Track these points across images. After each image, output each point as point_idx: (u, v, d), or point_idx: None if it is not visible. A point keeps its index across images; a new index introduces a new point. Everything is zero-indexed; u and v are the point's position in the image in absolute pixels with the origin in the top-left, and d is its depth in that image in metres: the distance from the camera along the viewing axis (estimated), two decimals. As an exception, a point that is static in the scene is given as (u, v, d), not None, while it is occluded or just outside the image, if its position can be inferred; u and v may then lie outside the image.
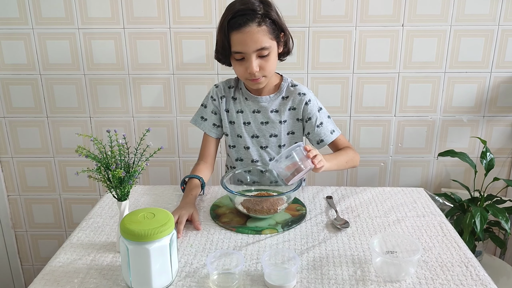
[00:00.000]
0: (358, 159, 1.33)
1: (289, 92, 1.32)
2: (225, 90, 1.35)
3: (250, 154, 1.35)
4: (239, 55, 1.17)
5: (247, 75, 1.20)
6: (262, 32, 1.14)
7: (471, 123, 1.86)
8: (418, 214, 1.16)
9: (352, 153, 1.31)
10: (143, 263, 0.83)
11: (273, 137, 1.33)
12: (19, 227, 2.08)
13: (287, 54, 1.27)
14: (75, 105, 1.87)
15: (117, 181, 0.91)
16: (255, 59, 1.17)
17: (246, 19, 1.12)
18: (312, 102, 1.31)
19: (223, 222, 1.11)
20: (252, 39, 1.13)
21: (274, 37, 1.18)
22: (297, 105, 1.31)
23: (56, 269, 0.93)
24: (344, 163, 1.26)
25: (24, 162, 1.96)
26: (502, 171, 1.92)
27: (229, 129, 1.35)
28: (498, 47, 1.75)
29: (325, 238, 1.04)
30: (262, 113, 1.32)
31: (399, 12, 1.71)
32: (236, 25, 1.13)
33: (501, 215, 1.57)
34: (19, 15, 1.75)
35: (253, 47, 1.14)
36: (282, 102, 1.32)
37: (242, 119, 1.34)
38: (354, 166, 1.32)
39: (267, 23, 1.15)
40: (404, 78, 1.80)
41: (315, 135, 1.32)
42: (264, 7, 1.15)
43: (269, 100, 1.31)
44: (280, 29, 1.19)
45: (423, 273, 0.90)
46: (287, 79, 1.33)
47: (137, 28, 1.76)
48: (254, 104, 1.32)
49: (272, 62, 1.20)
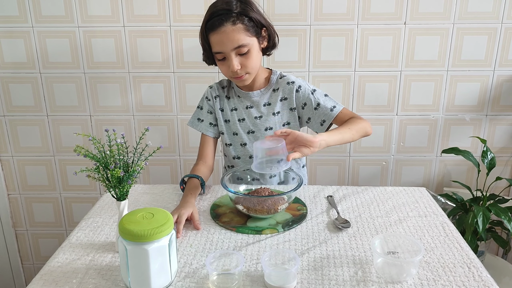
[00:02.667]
0: (368, 126, 1.24)
1: (279, 83, 1.33)
2: (218, 90, 1.38)
3: (247, 150, 1.36)
4: (220, 55, 1.20)
5: (231, 74, 1.23)
6: (237, 30, 1.16)
7: (474, 122, 1.85)
8: (420, 214, 1.15)
9: (358, 121, 1.22)
10: (142, 264, 0.82)
11: (269, 130, 1.34)
12: (20, 226, 2.08)
13: (272, 48, 1.28)
14: (75, 104, 1.87)
15: (116, 181, 0.91)
16: (235, 57, 1.19)
17: (221, 19, 1.15)
18: (302, 87, 1.31)
19: (223, 221, 1.11)
20: (228, 38, 1.16)
21: (253, 33, 1.19)
22: (288, 94, 1.32)
23: (55, 269, 0.92)
24: (350, 134, 1.18)
25: (25, 160, 1.96)
26: (505, 170, 1.91)
27: (224, 128, 1.37)
28: (501, 45, 1.73)
29: (326, 238, 1.03)
30: (255, 108, 1.34)
31: (401, 10, 1.70)
32: (213, 26, 1.17)
33: (503, 215, 1.56)
34: (19, 13, 1.74)
35: (230, 46, 1.17)
36: (273, 94, 1.33)
37: (236, 116, 1.35)
38: (366, 134, 1.23)
39: (244, 21, 1.16)
40: (406, 76, 1.79)
41: (316, 118, 1.30)
42: (241, 5, 1.18)
43: (260, 94, 1.33)
44: (259, 25, 1.20)
45: (425, 274, 0.90)
46: (276, 72, 1.35)
47: (137, 26, 1.75)
48: (246, 100, 1.34)
49: (254, 58, 1.21)
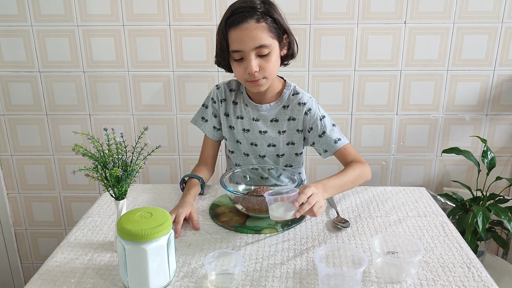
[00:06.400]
0: (368, 172, 1.20)
1: (290, 101, 1.25)
2: (226, 93, 1.29)
3: (250, 161, 1.32)
4: (238, 54, 1.11)
5: (247, 76, 1.13)
6: (261, 29, 1.08)
7: (474, 122, 1.84)
8: (419, 214, 1.14)
9: (360, 168, 1.18)
10: (140, 263, 0.82)
11: (272, 147, 1.29)
12: (19, 225, 2.07)
13: (291, 58, 1.21)
14: (74, 103, 1.86)
15: (115, 180, 0.90)
16: (254, 58, 1.10)
17: (244, 15, 1.08)
18: (312, 111, 1.24)
19: (222, 221, 1.10)
20: (250, 35, 1.08)
21: (275, 36, 1.12)
22: (297, 115, 1.25)
23: (53, 269, 0.92)
24: (351, 184, 1.15)
25: (24, 160, 1.96)
26: (505, 170, 1.90)
27: (228, 134, 1.32)
28: (502, 45, 1.73)
29: (325, 238, 1.03)
30: (262, 121, 1.27)
31: (401, 9, 1.70)
32: (234, 22, 1.09)
33: (503, 215, 1.56)
34: (18, 12, 1.74)
35: (251, 45, 1.09)
36: (282, 111, 1.25)
37: (241, 125, 1.29)
38: (365, 181, 1.20)
39: (267, 21, 1.09)
40: (406, 76, 1.79)
41: (320, 145, 1.26)
42: (265, 5, 1.11)
43: (269, 108, 1.25)
44: (282, 29, 1.14)
45: (424, 274, 0.89)
46: (289, 86, 1.26)
47: (137, 25, 1.75)
48: (253, 111, 1.27)
49: (273, 63, 1.13)
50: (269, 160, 1.31)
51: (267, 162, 1.31)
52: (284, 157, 1.30)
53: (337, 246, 0.97)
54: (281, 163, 1.31)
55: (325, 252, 0.93)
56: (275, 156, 1.30)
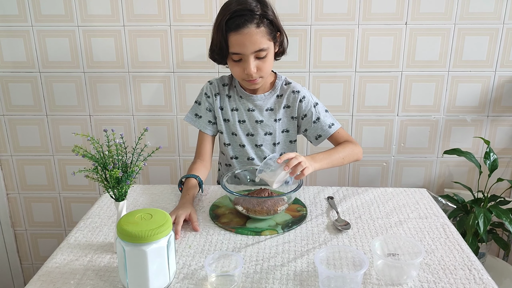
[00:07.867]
0: (360, 152, 1.29)
1: (283, 90, 1.32)
2: (219, 87, 1.34)
3: (246, 152, 1.35)
4: (237, 56, 1.17)
5: (244, 76, 1.20)
6: (261, 34, 1.14)
7: (475, 123, 1.84)
8: (420, 215, 1.14)
9: (350, 147, 1.27)
10: (140, 265, 0.82)
11: (268, 135, 1.33)
12: (19, 226, 2.07)
13: (282, 54, 1.27)
14: (74, 103, 1.86)
15: (115, 181, 0.90)
16: (253, 60, 1.16)
17: (244, 20, 1.12)
18: (306, 98, 1.30)
19: (223, 222, 1.10)
20: (250, 40, 1.13)
21: (272, 38, 1.18)
22: (292, 103, 1.31)
23: (53, 270, 0.92)
24: (341, 159, 1.23)
25: (24, 160, 1.95)
26: (506, 171, 1.90)
27: (223, 127, 1.35)
28: (503, 46, 1.73)
29: (325, 240, 1.03)
30: (257, 111, 1.32)
31: (402, 10, 1.69)
32: (234, 26, 1.12)
33: (505, 216, 1.55)
34: (18, 12, 1.73)
35: (252, 49, 1.14)
36: (277, 100, 1.32)
37: (237, 117, 1.33)
38: (356, 160, 1.29)
39: (265, 24, 1.14)
40: (407, 77, 1.78)
41: (313, 131, 1.31)
42: (261, 7, 1.15)
43: (263, 98, 1.31)
44: (276, 29, 1.19)
45: (425, 276, 0.89)
46: (281, 77, 1.33)
47: (137, 25, 1.74)
48: (248, 102, 1.32)
49: (270, 63, 1.20)
50: (266, 149, 1.35)
51: (264, 152, 1.35)
52: (279, 145, 1.35)
53: (338, 248, 0.97)
54: (277, 151, 1.35)
55: (325, 254, 0.93)
56: (271, 144, 1.35)
